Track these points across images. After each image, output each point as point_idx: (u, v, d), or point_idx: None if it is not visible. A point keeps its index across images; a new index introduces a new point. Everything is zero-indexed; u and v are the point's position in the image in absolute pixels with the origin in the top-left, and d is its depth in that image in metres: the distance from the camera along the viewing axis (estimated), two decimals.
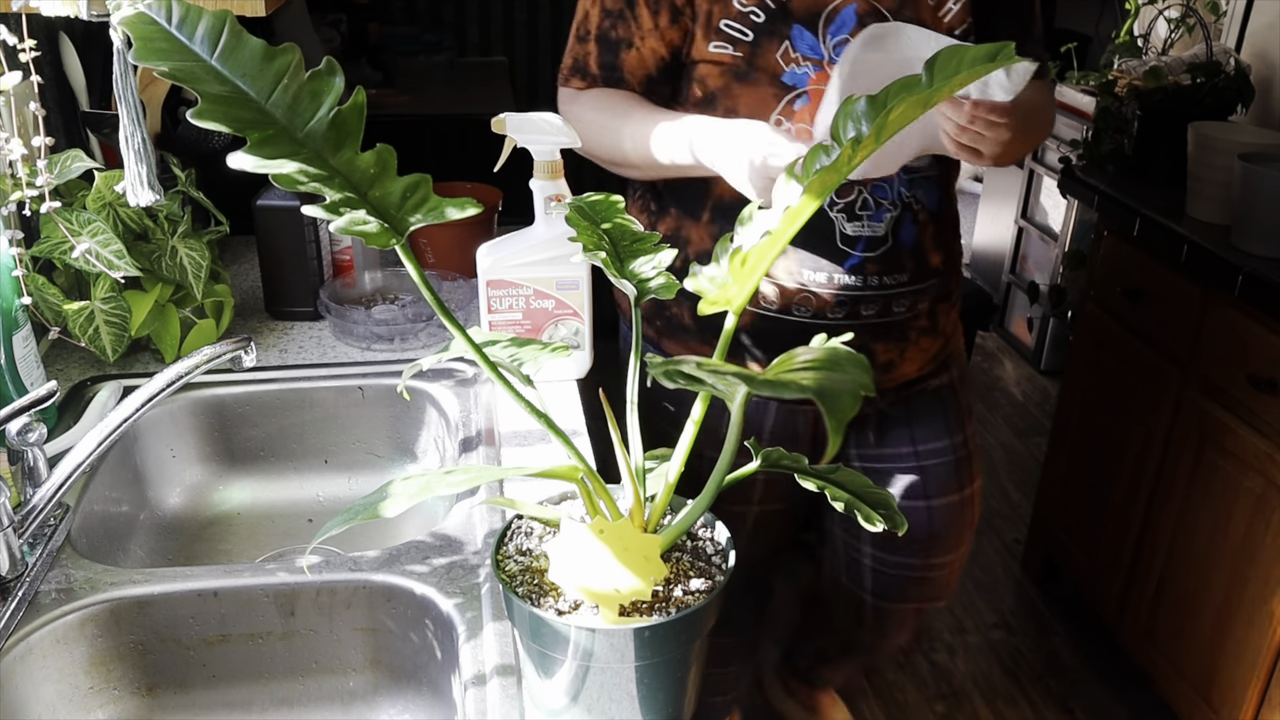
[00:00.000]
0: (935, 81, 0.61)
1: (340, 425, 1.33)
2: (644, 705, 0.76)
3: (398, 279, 1.51)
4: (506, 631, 0.89)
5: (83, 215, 1.19)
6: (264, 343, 1.40)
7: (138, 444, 1.24)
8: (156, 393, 0.99)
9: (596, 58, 1.26)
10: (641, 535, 0.73)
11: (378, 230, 0.67)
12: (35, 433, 0.98)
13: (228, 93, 0.64)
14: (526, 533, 0.80)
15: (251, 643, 0.99)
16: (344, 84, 0.67)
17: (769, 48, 1.17)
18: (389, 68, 2.80)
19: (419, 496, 0.69)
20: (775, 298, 1.27)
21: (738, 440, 0.70)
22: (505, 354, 0.85)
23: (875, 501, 0.77)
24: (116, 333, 1.25)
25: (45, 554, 0.97)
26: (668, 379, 0.58)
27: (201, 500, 1.30)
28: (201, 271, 1.30)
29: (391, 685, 1.02)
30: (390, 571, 0.97)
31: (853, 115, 0.64)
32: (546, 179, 1.21)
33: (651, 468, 0.82)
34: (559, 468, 0.75)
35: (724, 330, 0.73)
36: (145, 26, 0.64)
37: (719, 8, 1.17)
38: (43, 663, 0.92)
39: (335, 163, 0.66)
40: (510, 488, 1.08)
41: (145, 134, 1.12)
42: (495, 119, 1.16)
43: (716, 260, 0.71)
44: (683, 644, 0.75)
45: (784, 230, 0.65)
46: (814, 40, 1.17)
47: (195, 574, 0.97)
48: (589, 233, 0.79)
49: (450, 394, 1.28)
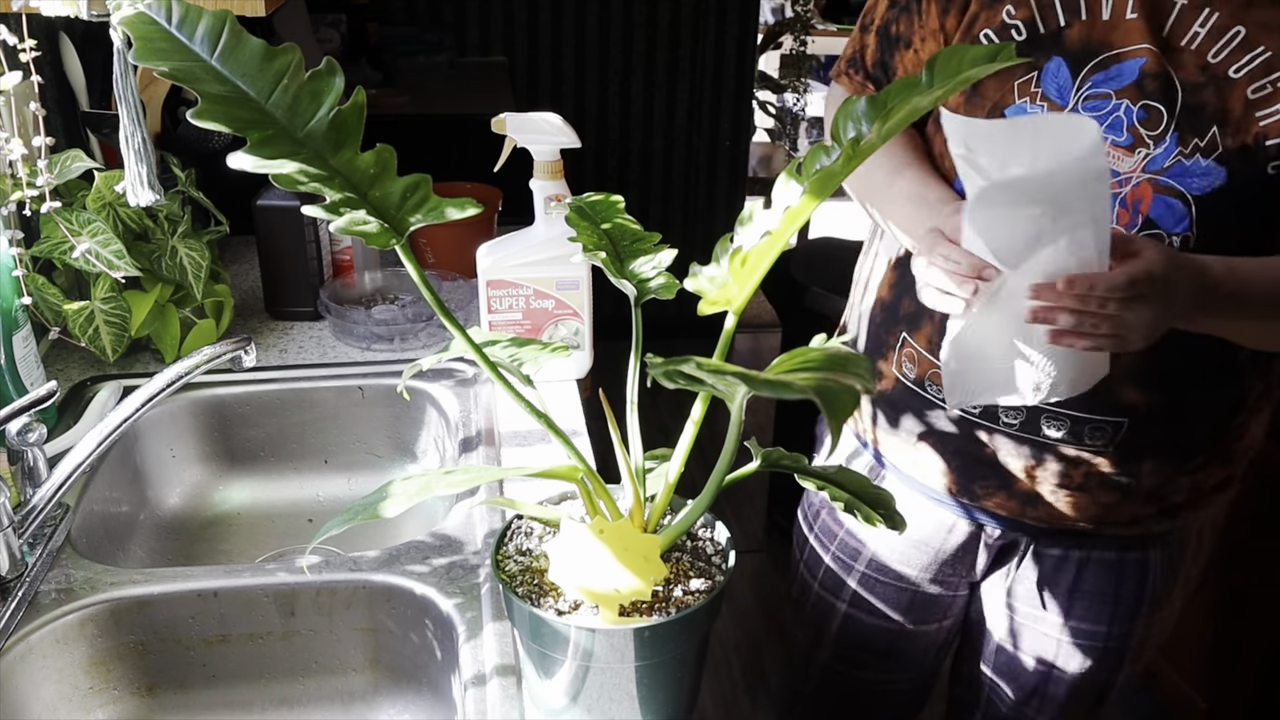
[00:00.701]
0: (936, 82, 0.61)
1: (340, 425, 1.33)
2: (644, 705, 0.76)
3: (398, 279, 1.51)
4: (506, 631, 0.89)
5: (83, 215, 1.19)
6: (264, 343, 1.40)
7: (138, 444, 1.24)
8: (156, 393, 0.99)
9: (874, 53, 1.09)
10: (641, 535, 0.73)
11: (378, 230, 0.67)
12: (35, 433, 0.98)
13: (228, 93, 0.64)
14: (526, 533, 0.80)
15: (251, 643, 0.99)
16: (344, 84, 0.67)
17: (1014, 73, 0.96)
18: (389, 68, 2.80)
19: (419, 496, 0.69)
20: (912, 368, 1.09)
21: (737, 440, 0.70)
22: (505, 354, 0.85)
23: (875, 501, 0.77)
24: (116, 333, 1.25)
25: (45, 554, 0.97)
26: (668, 379, 0.58)
27: (201, 500, 1.30)
28: (201, 271, 1.30)
29: (391, 685, 1.02)
30: (390, 571, 0.97)
31: (853, 115, 0.64)
32: (547, 179, 1.21)
33: (651, 468, 0.82)
34: (559, 468, 0.75)
35: (724, 330, 0.73)
36: (145, 26, 0.64)
37: (987, 14, 0.97)
38: (43, 663, 0.92)
39: (335, 163, 0.66)
40: (510, 488, 1.08)
41: (145, 134, 1.12)
42: (495, 119, 1.16)
43: (716, 260, 0.71)
44: (683, 644, 0.75)
45: (784, 230, 0.65)
46: (1068, 82, 0.93)
47: (195, 574, 0.97)
48: (589, 233, 0.80)
49: (450, 394, 1.28)
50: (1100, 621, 1.12)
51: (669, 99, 3.33)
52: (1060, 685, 1.18)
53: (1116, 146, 0.92)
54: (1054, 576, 1.12)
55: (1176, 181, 0.90)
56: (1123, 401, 0.98)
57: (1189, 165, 0.90)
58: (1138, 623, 1.12)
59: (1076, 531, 1.08)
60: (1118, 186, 0.92)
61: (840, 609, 1.26)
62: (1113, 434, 1.00)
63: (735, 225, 0.73)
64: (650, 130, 3.37)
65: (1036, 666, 1.17)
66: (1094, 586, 1.11)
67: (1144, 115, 0.91)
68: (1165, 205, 0.91)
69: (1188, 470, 1.03)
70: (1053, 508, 1.05)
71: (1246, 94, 0.88)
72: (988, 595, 1.20)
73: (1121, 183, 0.92)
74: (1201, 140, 0.89)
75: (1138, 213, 0.92)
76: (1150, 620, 1.14)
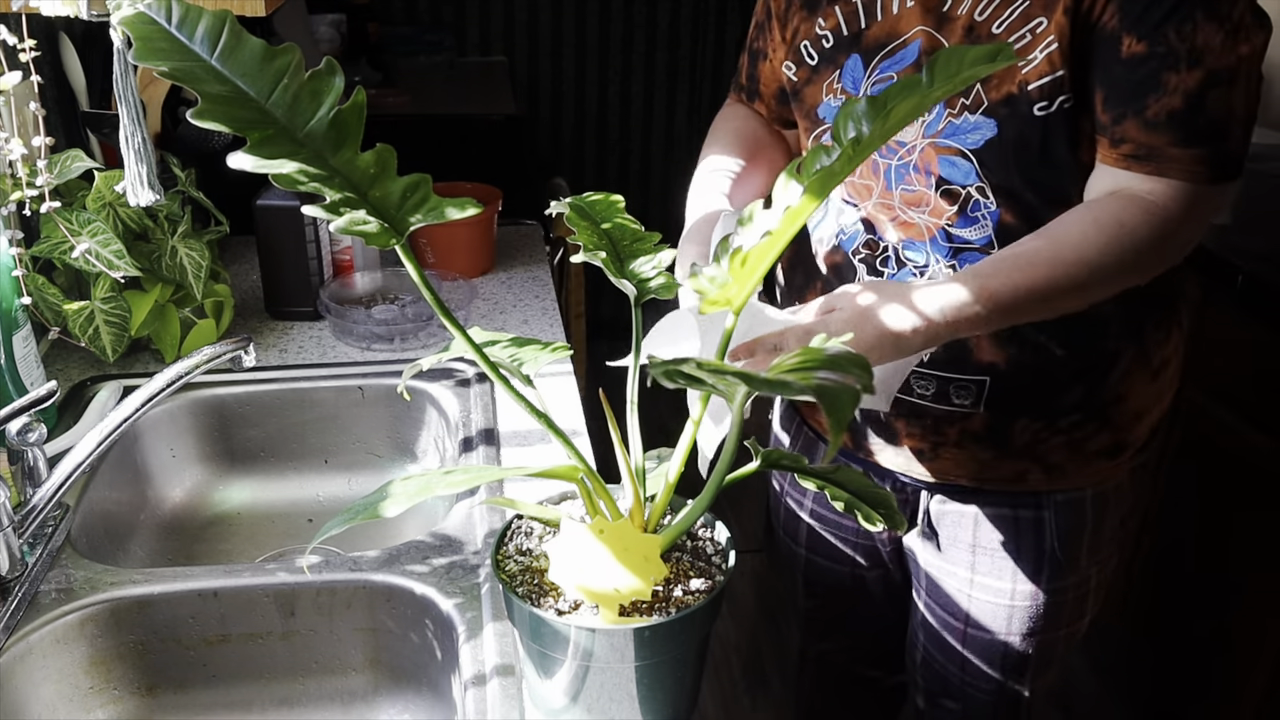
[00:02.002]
0: (936, 81, 0.61)
1: (340, 425, 1.33)
2: (644, 705, 0.76)
3: (398, 279, 1.51)
4: (506, 631, 0.89)
5: (83, 215, 1.19)
6: (264, 343, 1.40)
7: (138, 444, 1.24)
8: (156, 393, 0.99)
9: (746, 69, 1.23)
10: (641, 535, 0.73)
11: (378, 230, 0.67)
12: (35, 433, 0.98)
13: (228, 93, 0.64)
14: (526, 533, 0.80)
15: (251, 643, 0.99)
16: (344, 84, 0.67)
17: (824, 75, 1.07)
18: (389, 68, 2.80)
19: (419, 496, 0.69)
20: None
21: (737, 440, 0.70)
22: (505, 354, 0.85)
23: (875, 501, 0.77)
24: (116, 333, 1.25)
25: (45, 554, 0.97)
26: (668, 379, 0.58)
27: (201, 500, 1.30)
28: (201, 271, 1.30)
29: (391, 685, 1.02)
30: (390, 571, 0.97)
31: (853, 115, 0.64)
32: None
33: (651, 468, 0.82)
34: (559, 468, 0.75)
35: (724, 330, 0.73)
36: (145, 26, 0.64)
37: (805, 26, 1.08)
38: (43, 663, 0.92)
39: (335, 163, 0.66)
40: (510, 488, 1.08)
41: (145, 134, 1.12)
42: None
43: (716, 260, 0.71)
44: (683, 644, 0.75)
45: (784, 230, 0.65)
46: (861, 74, 1.03)
47: (195, 574, 0.97)
48: (589, 232, 0.80)
49: (450, 394, 1.28)
50: (1004, 577, 1.15)
51: (669, 99, 3.33)
52: (980, 650, 1.21)
53: None
54: (954, 532, 1.16)
55: (953, 141, 0.99)
56: (981, 360, 1.05)
57: (959, 124, 0.98)
58: (1041, 582, 1.15)
59: (968, 489, 1.13)
60: (907, 155, 1.02)
61: (801, 554, 1.33)
62: (978, 392, 1.06)
63: (735, 225, 0.73)
64: (650, 130, 3.37)
65: (954, 623, 1.21)
66: (992, 542, 1.15)
67: None
68: (950, 164, 1.00)
69: (1060, 429, 1.08)
70: (937, 464, 1.12)
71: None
72: (908, 550, 1.24)
73: (909, 150, 1.02)
74: (967, 99, 0.97)
75: (929, 173, 1.01)
76: (1056, 585, 1.16)
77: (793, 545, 1.35)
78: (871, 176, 1.07)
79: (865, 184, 1.07)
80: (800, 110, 1.12)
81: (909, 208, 1.04)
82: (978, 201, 1.00)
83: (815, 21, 1.07)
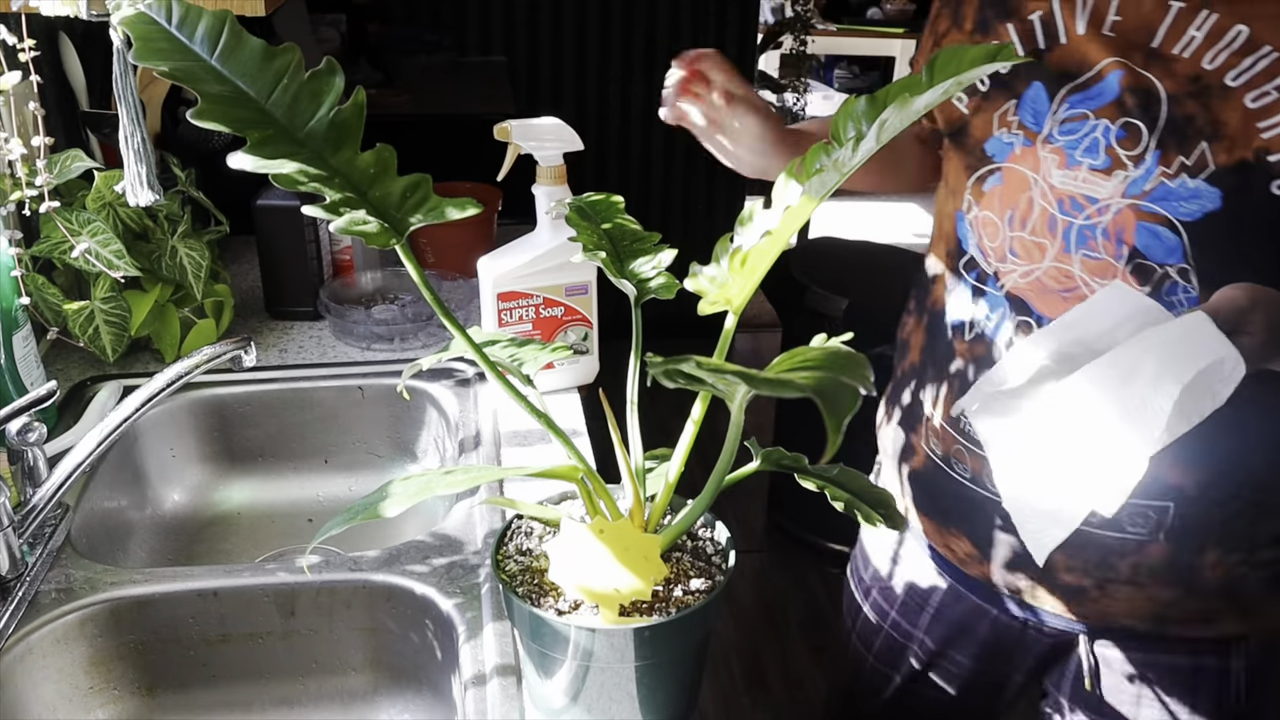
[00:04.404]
0: (935, 80, 0.61)
1: (340, 425, 1.33)
2: (644, 705, 0.76)
3: (398, 279, 1.51)
4: (506, 631, 0.89)
5: (82, 215, 1.19)
6: (264, 343, 1.40)
7: (138, 444, 1.24)
8: (156, 393, 0.99)
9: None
10: (641, 535, 0.73)
11: (378, 230, 0.67)
12: (35, 433, 0.98)
13: (228, 93, 0.64)
14: (526, 533, 0.80)
15: (251, 643, 0.98)
16: (344, 84, 0.67)
17: (995, 103, 0.91)
18: (389, 68, 2.80)
19: (419, 496, 0.69)
20: (939, 442, 1.00)
21: (737, 440, 0.70)
22: (505, 354, 0.85)
23: (876, 501, 0.77)
24: (116, 333, 1.25)
25: (45, 554, 0.97)
26: (668, 379, 0.58)
27: (201, 500, 1.30)
28: (201, 271, 1.30)
29: (391, 685, 1.02)
30: (390, 571, 0.97)
31: (853, 115, 0.64)
32: (551, 184, 1.21)
33: (651, 468, 0.82)
34: (559, 468, 0.75)
35: (724, 330, 0.73)
36: (145, 26, 0.64)
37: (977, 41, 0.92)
38: (43, 663, 0.92)
39: (335, 163, 0.66)
40: (510, 488, 1.08)
41: (145, 134, 1.12)
42: (498, 127, 1.15)
43: (716, 260, 0.71)
44: (683, 644, 0.75)
45: (784, 230, 0.65)
46: (1045, 105, 0.87)
47: (195, 574, 0.97)
48: (589, 233, 0.80)
49: (450, 394, 1.28)
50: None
51: None
52: None
53: (1094, 171, 0.85)
54: (1116, 682, 0.99)
55: (1161, 206, 0.82)
56: (1166, 482, 0.88)
57: (1174, 187, 0.81)
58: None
59: (1138, 633, 0.96)
60: (1098, 215, 0.85)
61: (895, 679, 1.17)
62: (1158, 520, 0.89)
63: (735, 225, 0.73)
64: (650, 130, 3.37)
65: None
66: (1163, 697, 0.98)
67: (1123, 134, 0.83)
68: (1151, 234, 0.83)
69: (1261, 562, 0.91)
70: (1103, 605, 0.95)
71: (1245, 103, 0.78)
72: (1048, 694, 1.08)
73: (1101, 210, 0.85)
74: (1188, 159, 0.81)
75: (1122, 242, 0.85)
76: None
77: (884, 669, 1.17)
78: (1047, 234, 0.88)
79: (1038, 242, 0.89)
80: (963, 147, 0.95)
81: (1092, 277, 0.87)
82: (1175, 284, 0.83)
83: (987, 41, 0.90)
